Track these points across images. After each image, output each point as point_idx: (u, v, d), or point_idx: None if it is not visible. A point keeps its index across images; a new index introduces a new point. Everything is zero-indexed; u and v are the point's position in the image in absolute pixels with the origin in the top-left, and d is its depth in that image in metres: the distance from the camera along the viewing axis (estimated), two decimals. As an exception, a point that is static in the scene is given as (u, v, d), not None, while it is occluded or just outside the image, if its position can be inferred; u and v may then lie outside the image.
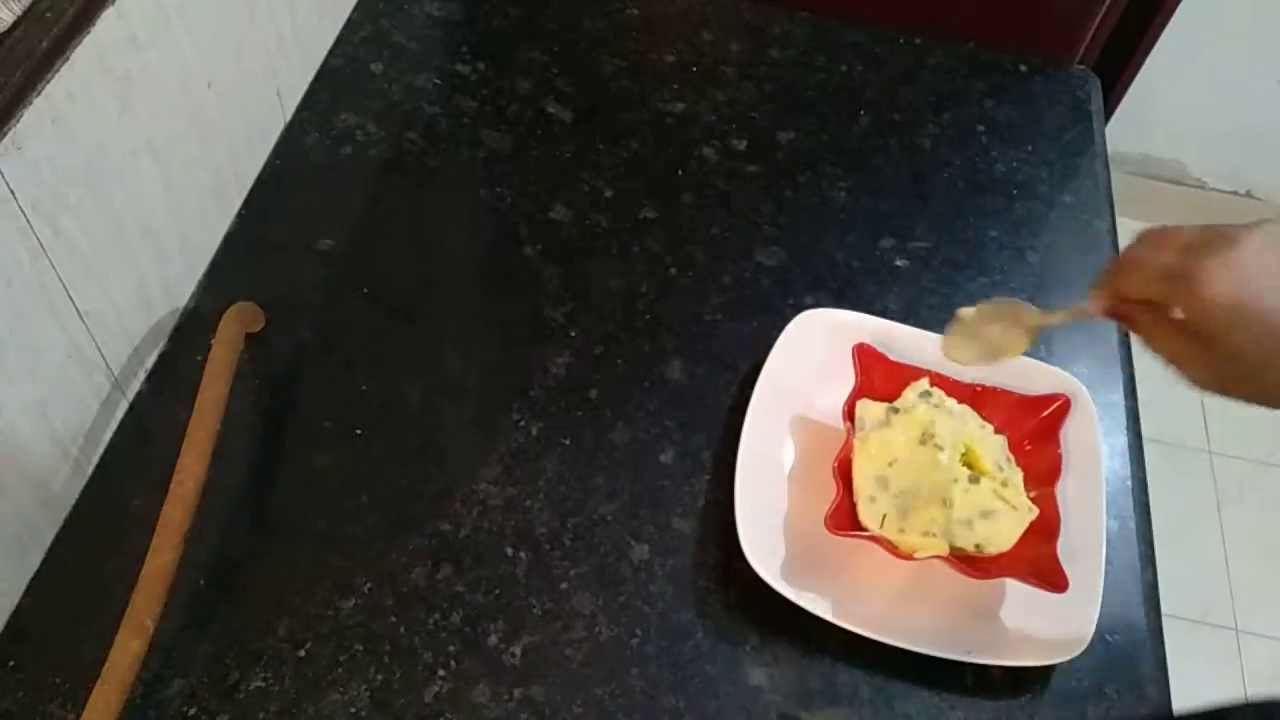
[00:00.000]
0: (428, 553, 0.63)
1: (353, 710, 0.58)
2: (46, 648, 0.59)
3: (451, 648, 0.60)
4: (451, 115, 0.86)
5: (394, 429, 0.68)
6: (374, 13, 0.92)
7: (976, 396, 0.71)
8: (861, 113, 0.90)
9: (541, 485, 0.67)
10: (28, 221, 0.53)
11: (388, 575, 0.62)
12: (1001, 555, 0.65)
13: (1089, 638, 0.62)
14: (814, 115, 0.89)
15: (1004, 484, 0.66)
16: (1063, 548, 0.65)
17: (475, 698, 0.59)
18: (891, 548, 0.63)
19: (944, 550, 0.64)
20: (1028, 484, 0.67)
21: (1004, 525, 0.65)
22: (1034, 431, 0.72)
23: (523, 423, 0.69)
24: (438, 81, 0.88)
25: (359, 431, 0.68)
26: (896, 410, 0.68)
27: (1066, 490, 0.68)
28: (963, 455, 0.67)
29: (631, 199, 0.82)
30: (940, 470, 0.65)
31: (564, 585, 0.63)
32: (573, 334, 0.74)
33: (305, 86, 0.85)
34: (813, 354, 0.73)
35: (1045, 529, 0.65)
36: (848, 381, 0.70)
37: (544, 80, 0.89)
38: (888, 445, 0.67)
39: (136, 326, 0.66)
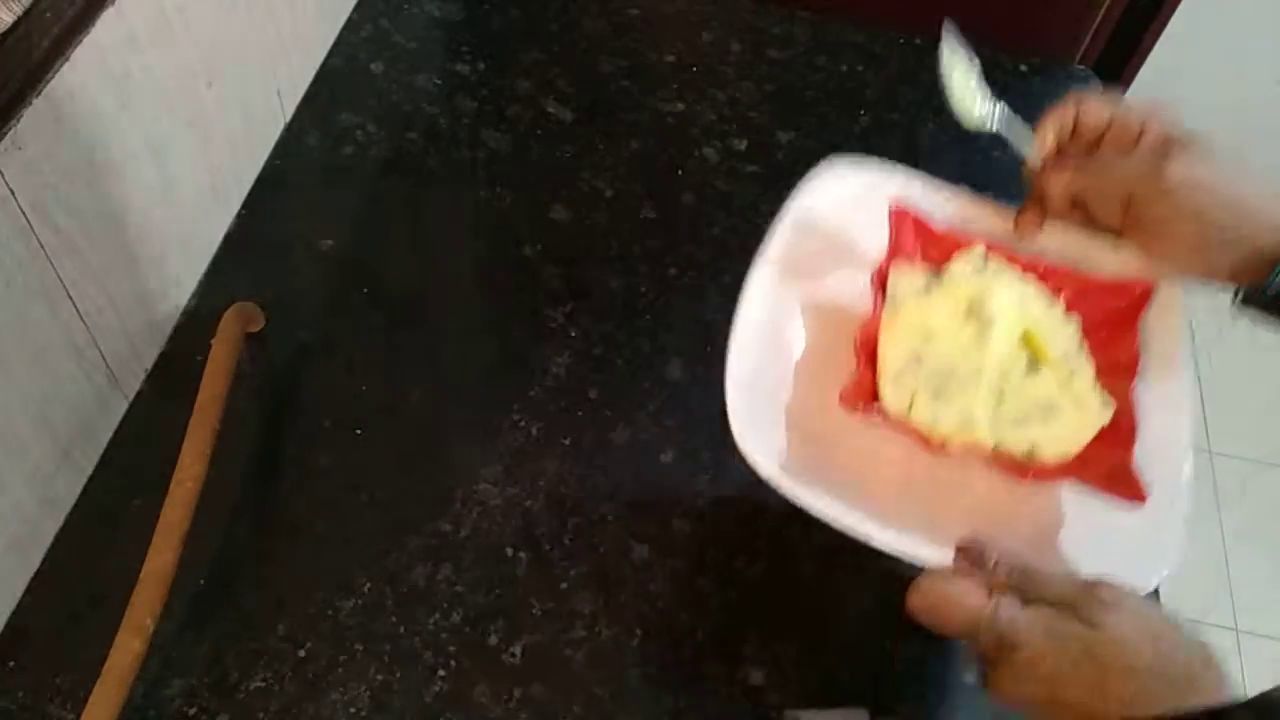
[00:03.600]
0: (428, 553, 0.63)
1: (353, 710, 0.58)
2: (46, 647, 0.59)
3: (452, 648, 0.60)
4: (451, 115, 0.86)
5: (394, 429, 0.68)
6: (374, 13, 0.92)
7: (1042, 273, 0.60)
8: (861, 112, 0.90)
9: (541, 485, 0.67)
10: (27, 221, 0.53)
11: (388, 575, 0.62)
12: (1060, 463, 0.54)
13: (1172, 564, 0.52)
14: (814, 115, 0.89)
15: (1071, 376, 0.55)
16: (1139, 459, 0.54)
17: (475, 697, 0.59)
18: (919, 437, 0.53)
19: (986, 443, 0.53)
20: (1098, 380, 0.57)
21: (1067, 426, 0.54)
22: (1109, 319, 0.59)
23: (523, 423, 0.69)
24: (438, 82, 0.88)
25: (359, 431, 0.68)
26: (939, 278, 0.58)
27: (1143, 393, 0.57)
28: (1021, 338, 0.56)
29: (631, 199, 0.82)
30: (990, 351, 0.54)
31: (564, 585, 0.63)
32: (573, 334, 0.74)
33: (305, 87, 0.85)
34: (834, 222, 0.62)
35: (1119, 433, 0.54)
36: (876, 259, 0.61)
37: (544, 80, 0.89)
38: (925, 317, 0.56)
39: (136, 326, 0.66)
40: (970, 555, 0.49)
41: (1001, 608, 0.46)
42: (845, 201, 0.63)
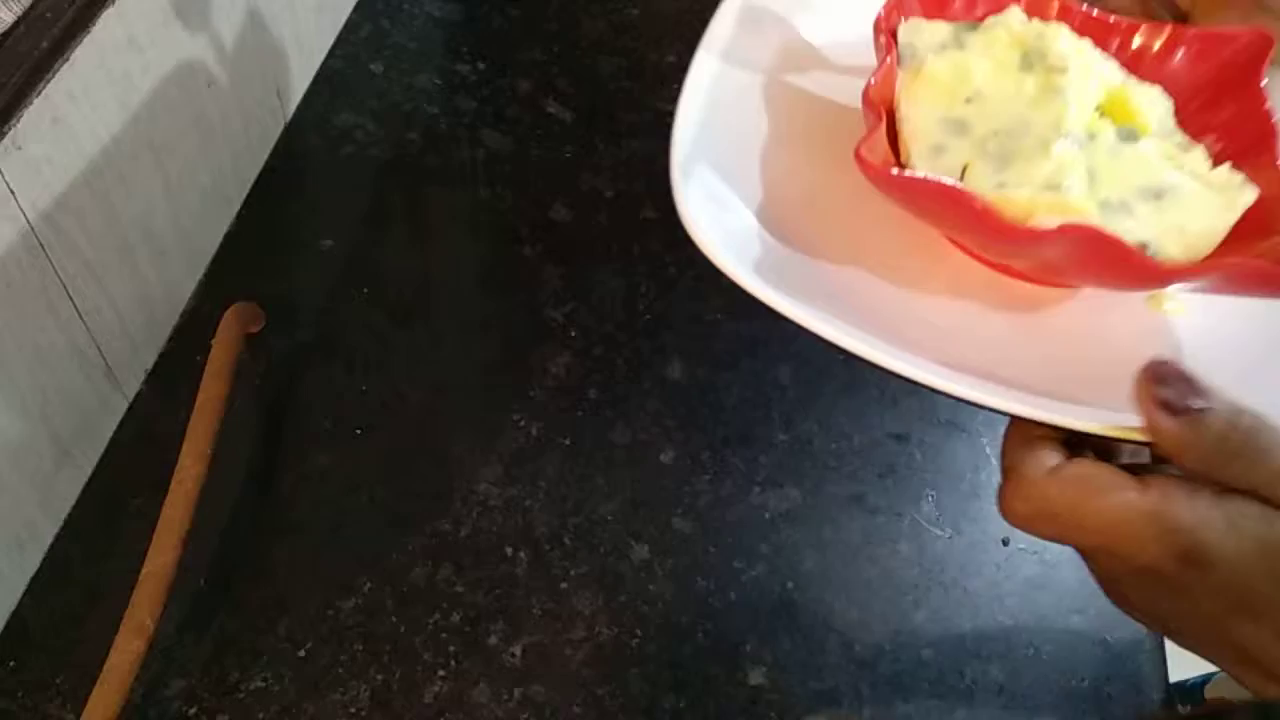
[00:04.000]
0: (428, 553, 0.64)
1: (353, 710, 0.58)
2: (46, 647, 0.59)
3: (451, 648, 0.60)
4: (451, 115, 0.86)
5: (394, 429, 0.68)
6: (374, 13, 0.92)
7: (1110, 31, 0.44)
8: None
9: (541, 485, 0.67)
10: (27, 221, 0.53)
11: (388, 575, 0.63)
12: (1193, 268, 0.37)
13: None
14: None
15: (1182, 147, 0.41)
16: None
17: (475, 698, 0.59)
18: (986, 209, 0.36)
19: (1092, 217, 0.37)
20: (1219, 158, 0.41)
21: (1194, 212, 0.38)
22: (1220, 83, 0.43)
23: (523, 423, 0.69)
24: (437, 82, 0.88)
25: (359, 431, 0.68)
26: (976, 26, 0.43)
27: None
28: (1103, 104, 0.41)
29: (631, 199, 0.82)
30: (1064, 103, 0.39)
31: (564, 585, 0.63)
32: (573, 334, 0.74)
33: (305, 87, 0.85)
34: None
35: (1272, 220, 0.39)
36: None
37: (544, 80, 0.89)
38: (963, 73, 0.41)
39: (136, 326, 0.66)
40: (1171, 384, 0.34)
41: (1189, 504, 0.33)
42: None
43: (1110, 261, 0.36)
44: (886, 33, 0.43)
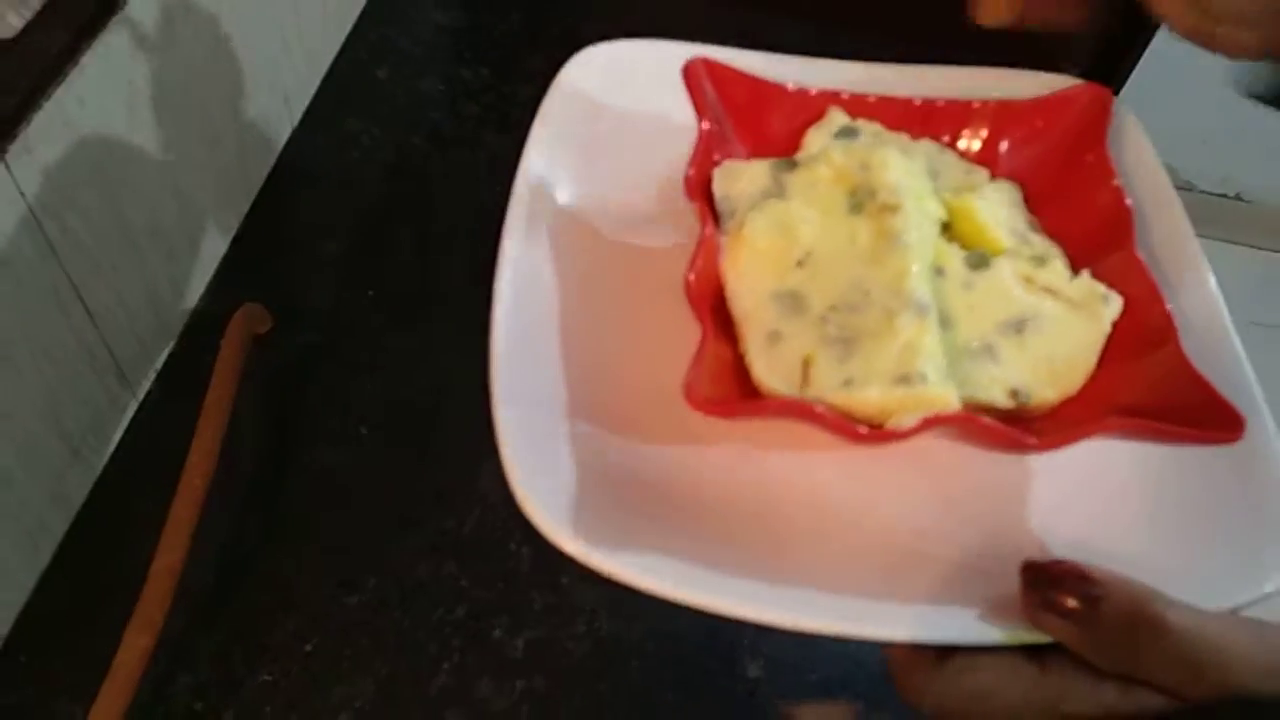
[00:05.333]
0: (432, 549, 0.64)
1: (358, 704, 0.59)
2: (56, 644, 0.59)
3: (455, 641, 0.61)
4: (456, 120, 0.87)
5: (399, 428, 0.69)
6: (379, 19, 0.93)
7: (937, 119, 0.41)
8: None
9: (544, 483, 0.67)
10: (38, 223, 0.54)
11: (392, 571, 0.63)
12: (1070, 401, 0.35)
13: None
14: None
15: (1037, 261, 0.37)
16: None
17: (479, 691, 0.59)
18: (838, 420, 0.33)
19: (953, 406, 0.33)
20: (1076, 257, 0.38)
21: (1059, 338, 0.35)
22: (1065, 154, 0.40)
23: (526, 421, 0.70)
24: (442, 87, 0.89)
25: (364, 430, 0.69)
26: (795, 165, 0.39)
27: (1151, 264, 0.37)
28: (944, 227, 0.38)
29: (633, 201, 0.82)
30: (904, 251, 0.35)
31: (565, 580, 0.64)
32: (575, 334, 0.74)
33: (312, 92, 0.86)
34: (618, 124, 0.46)
35: (1147, 327, 0.35)
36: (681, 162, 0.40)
37: (547, 85, 0.89)
38: (789, 228, 0.37)
39: (145, 327, 0.67)
40: (1045, 578, 0.32)
41: (1092, 697, 0.31)
42: (630, 86, 0.46)
43: (980, 438, 0.34)
44: (700, 197, 0.39)
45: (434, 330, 0.74)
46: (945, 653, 0.33)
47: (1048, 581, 0.31)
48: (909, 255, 0.35)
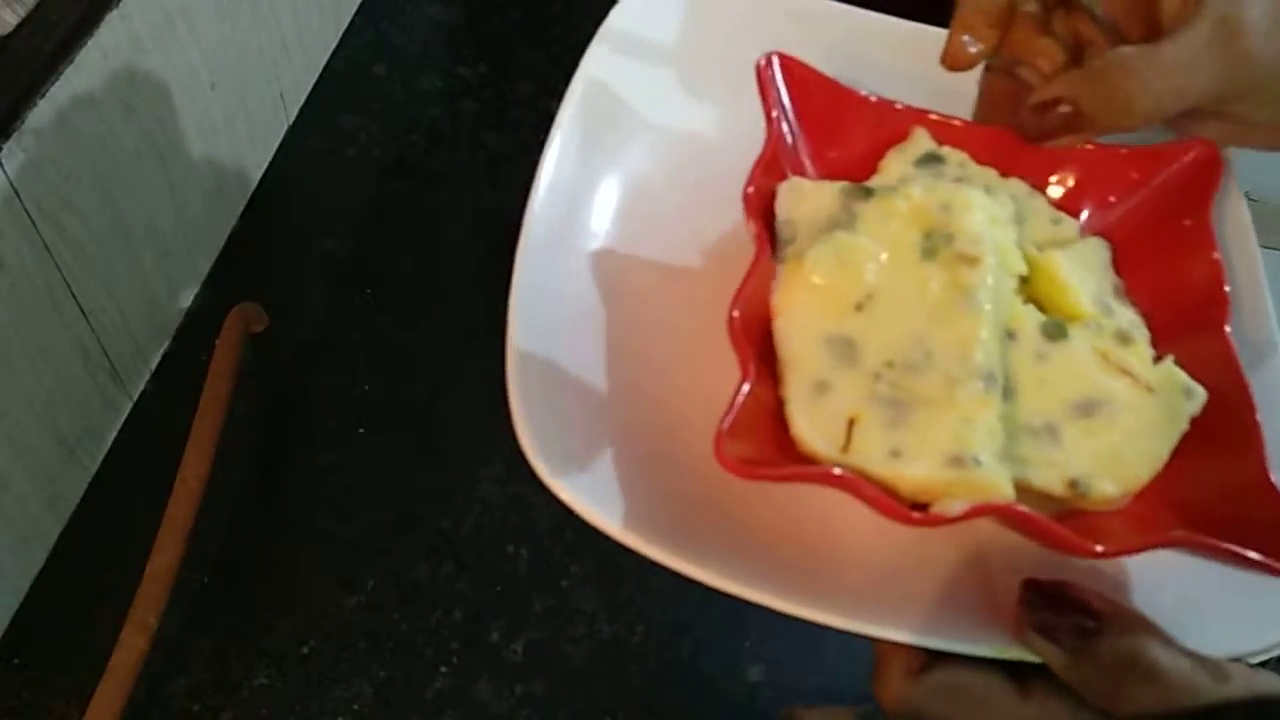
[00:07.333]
0: (430, 550, 0.64)
1: (355, 707, 0.58)
2: (51, 645, 0.59)
3: (453, 644, 0.61)
4: (453, 117, 0.86)
5: (396, 428, 0.69)
6: (376, 16, 0.92)
7: (1029, 158, 0.37)
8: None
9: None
10: (32, 222, 0.54)
11: (390, 573, 0.63)
12: (1133, 503, 0.32)
13: None
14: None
15: (1120, 337, 0.34)
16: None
17: (477, 694, 0.59)
18: (878, 495, 0.30)
19: (1007, 495, 0.31)
20: (1160, 330, 0.35)
21: (1131, 431, 0.32)
22: (1158, 216, 0.37)
23: (524, 421, 0.70)
24: (439, 84, 0.88)
25: (361, 431, 0.68)
26: (869, 193, 0.35)
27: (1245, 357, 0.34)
28: (1023, 280, 0.35)
29: (632, 200, 0.82)
30: (977, 313, 0.32)
31: (564, 582, 0.63)
32: (574, 333, 0.74)
33: (308, 89, 0.86)
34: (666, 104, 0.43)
35: (1229, 427, 0.32)
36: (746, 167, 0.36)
37: (545, 83, 0.89)
38: (853, 266, 0.34)
39: (140, 326, 0.67)
40: (1044, 600, 0.31)
41: None
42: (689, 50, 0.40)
43: (1037, 537, 0.31)
44: (757, 217, 0.35)
45: (432, 329, 0.74)
46: (930, 662, 0.33)
47: (1046, 604, 0.31)
48: (981, 318, 0.32)
